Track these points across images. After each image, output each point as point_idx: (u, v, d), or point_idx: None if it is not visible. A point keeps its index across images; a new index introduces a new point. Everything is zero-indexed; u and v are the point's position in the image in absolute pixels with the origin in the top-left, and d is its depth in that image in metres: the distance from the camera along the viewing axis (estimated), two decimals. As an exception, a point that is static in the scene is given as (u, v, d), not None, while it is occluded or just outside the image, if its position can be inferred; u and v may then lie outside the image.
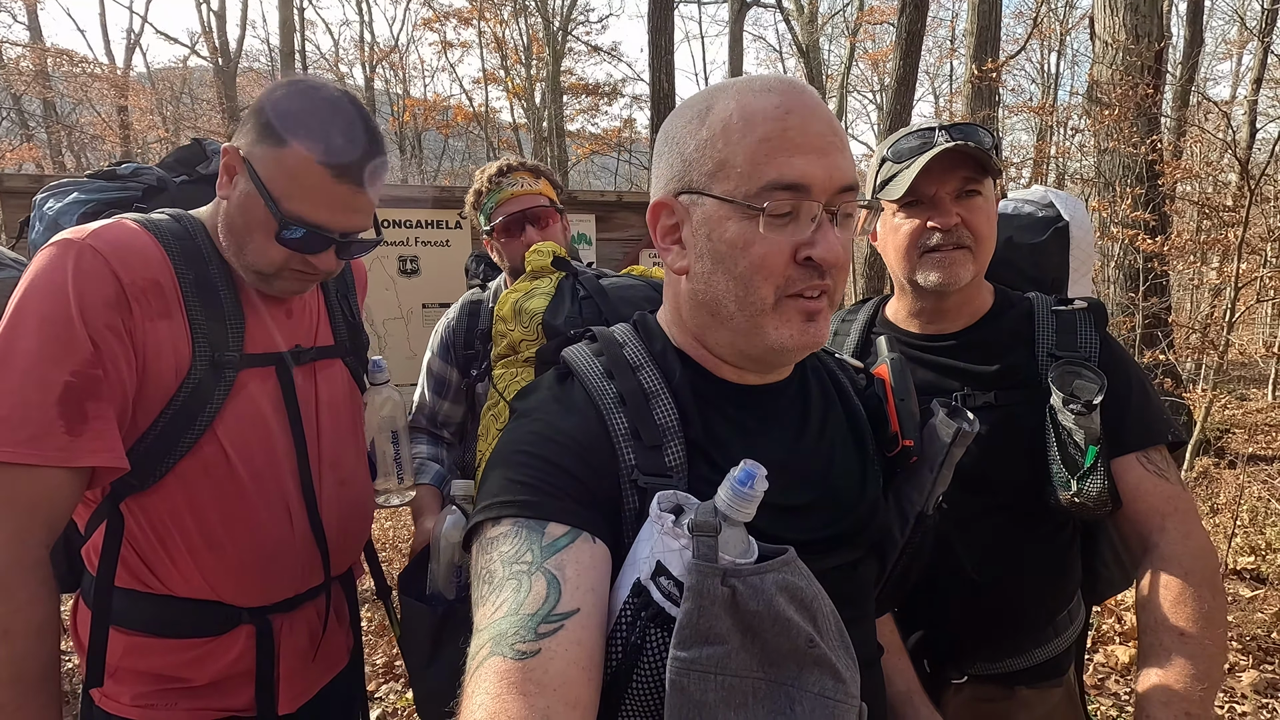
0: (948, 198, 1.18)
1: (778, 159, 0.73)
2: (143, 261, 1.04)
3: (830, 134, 0.75)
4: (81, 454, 0.96)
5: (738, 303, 0.77)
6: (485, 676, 0.60)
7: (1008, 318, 1.26)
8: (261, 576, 1.15)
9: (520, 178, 1.79)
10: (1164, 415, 1.18)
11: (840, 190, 0.75)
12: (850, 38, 20.63)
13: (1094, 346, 1.18)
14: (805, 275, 0.75)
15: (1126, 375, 1.18)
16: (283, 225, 1.07)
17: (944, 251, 1.18)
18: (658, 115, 10.35)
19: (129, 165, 1.34)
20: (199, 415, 1.07)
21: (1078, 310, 1.22)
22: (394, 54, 22.74)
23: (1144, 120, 6.07)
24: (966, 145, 1.14)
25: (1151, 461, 1.13)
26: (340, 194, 1.09)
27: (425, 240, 4.29)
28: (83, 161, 17.93)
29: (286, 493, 1.17)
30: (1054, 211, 1.42)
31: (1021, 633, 1.26)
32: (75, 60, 16.84)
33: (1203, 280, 9.26)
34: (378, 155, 1.11)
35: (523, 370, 1.10)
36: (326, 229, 1.09)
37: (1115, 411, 1.13)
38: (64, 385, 0.95)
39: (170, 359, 1.05)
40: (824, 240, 0.74)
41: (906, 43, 8.12)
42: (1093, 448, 1.11)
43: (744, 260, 0.75)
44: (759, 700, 0.64)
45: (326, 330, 1.31)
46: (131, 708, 1.11)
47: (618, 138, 22.63)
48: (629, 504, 0.74)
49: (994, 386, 1.21)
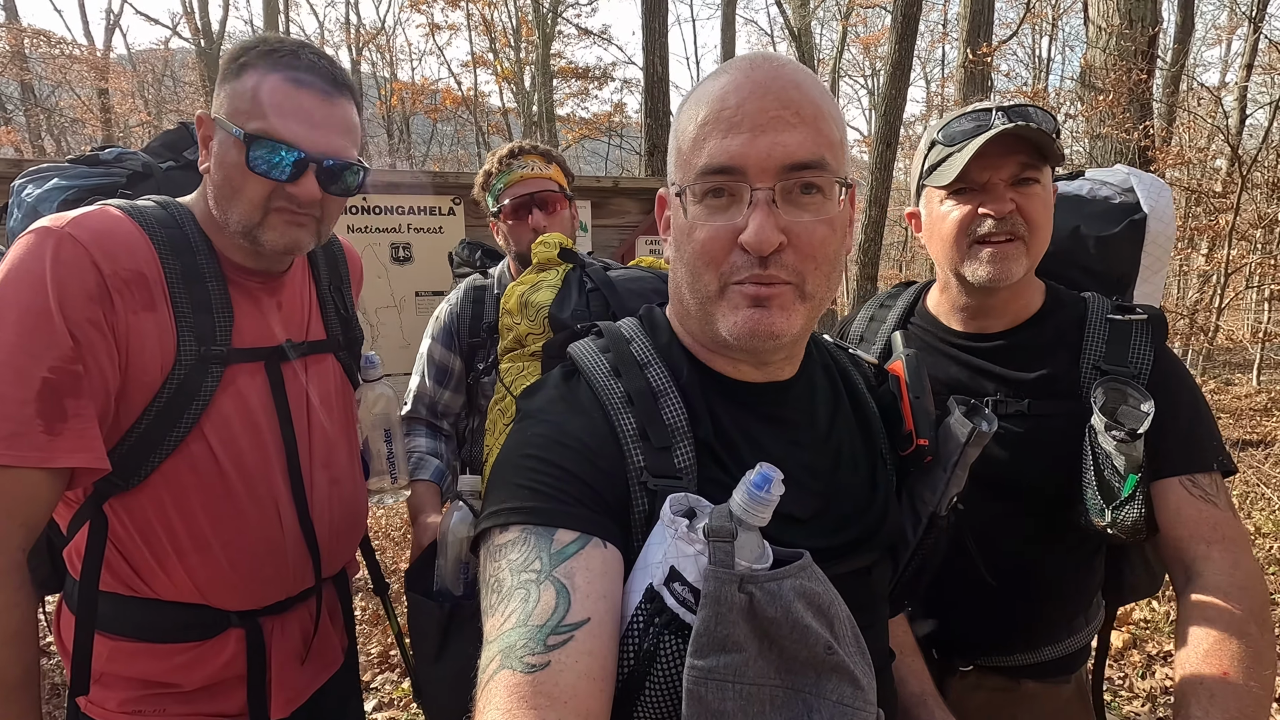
0: (1002, 184, 1.10)
1: (710, 141, 0.72)
2: (126, 251, 1.00)
3: (778, 108, 0.70)
4: (60, 454, 0.92)
5: (690, 290, 0.77)
6: (495, 691, 0.58)
7: (1056, 321, 1.17)
8: (251, 579, 1.12)
9: (531, 160, 1.77)
10: (1214, 440, 1.09)
11: (787, 168, 0.70)
12: (843, 21, 20.51)
13: (1146, 362, 1.09)
14: (748, 264, 0.72)
15: (1177, 396, 1.09)
16: (249, 145, 1.01)
17: (996, 244, 1.10)
18: (650, 98, 10.26)
19: (112, 150, 1.29)
20: (185, 412, 1.04)
21: (1135, 321, 1.12)
22: (381, 36, 22.41)
23: (1137, 106, 6.07)
24: (1026, 127, 1.06)
25: (1198, 485, 1.05)
26: (304, 103, 1.04)
27: (417, 227, 4.24)
28: (62, 145, 17.62)
29: (276, 492, 1.13)
30: (1133, 199, 1.29)
31: (1035, 634, 1.24)
32: (53, 41, 16.47)
33: (1191, 266, 9.33)
34: (339, 70, 1.08)
35: (529, 364, 1.07)
36: (295, 145, 1.03)
37: (1160, 433, 1.04)
38: (42, 381, 0.91)
39: (155, 353, 1.01)
40: (753, 224, 0.70)
41: (902, 26, 8.07)
42: (1133, 476, 1.03)
43: (689, 247, 0.75)
44: (776, 708, 0.63)
45: (318, 324, 1.27)
46: (119, 714, 1.08)
47: (608, 122, 22.44)
48: (638, 506, 0.72)
49: (1029, 395, 1.15)
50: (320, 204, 1.10)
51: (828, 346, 0.97)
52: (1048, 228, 1.13)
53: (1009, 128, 1.06)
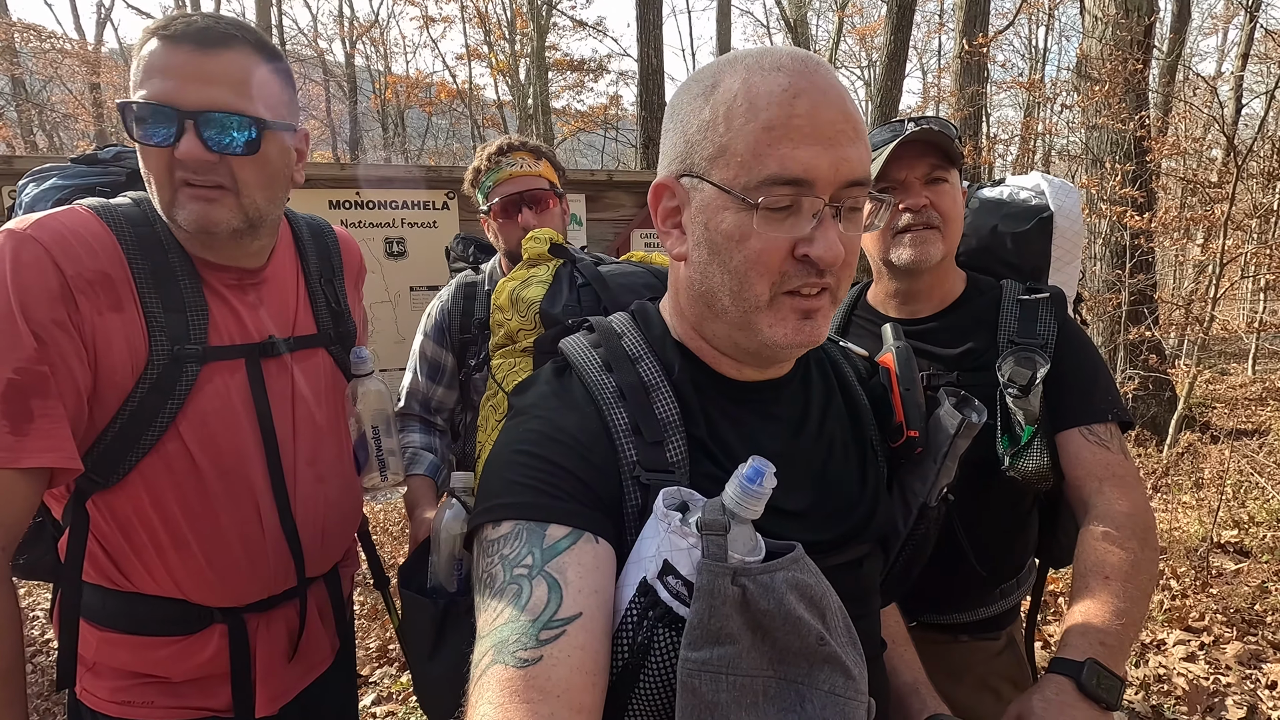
0: (917, 182, 1.29)
1: (780, 149, 0.68)
2: (88, 252, 0.98)
3: (842, 121, 0.69)
4: (27, 454, 0.91)
5: (732, 297, 0.74)
6: (488, 685, 0.59)
7: (976, 304, 1.35)
8: (229, 577, 1.12)
9: (520, 158, 1.75)
10: (1110, 396, 1.25)
11: (847, 184, 0.70)
12: (839, 12, 20.41)
13: (1052, 332, 1.27)
14: (803, 272, 0.72)
15: (1078, 358, 1.26)
16: (125, 116, 0.97)
17: (915, 230, 1.28)
18: (646, 91, 10.22)
19: (110, 149, 1.28)
20: (160, 411, 1.03)
21: (1040, 299, 1.31)
22: (374, 29, 22.25)
23: (1133, 96, 6.06)
24: (931, 131, 1.25)
25: (1094, 433, 1.20)
26: (178, 60, 0.97)
27: (412, 221, 4.22)
28: (54, 141, 17.50)
29: (256, 491, 1.12)
30: (1044, 200, 1.47)
31: (971, 595, 1.38)
32: (43, 35, 16.33)
33: (1187, 256, 9.35)
34: (228, 24, 1.01)
35: (520, 360, 1.07)
36: (169, 103, 0.96)
37: (1061, 390, 1.23)
38: (7, 383, 0.91)
39: (124, 354, 1.00)
40: (823, 238, 0.70)
41: (898, 16, 8.04)
42: (1029, 427, 1.20)
43: (739, 254, 0.72)
44: (769, 699, 0.64)
45: (308, 318, 1.25)
46: (109, 703, 1.09)
47: (604, 115, 22.35)
48: (631, 500, 0.72)
49: (956, 368, 1.30)
50: (226, 169, 1.01)
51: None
52: (959, 219, 1.33)
53: (917, 131, 1.25)
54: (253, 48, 1.03)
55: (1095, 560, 1.04)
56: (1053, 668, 0.90)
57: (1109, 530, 1.07)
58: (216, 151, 1.00)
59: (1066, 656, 0.90)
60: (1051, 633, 3.18)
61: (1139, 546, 1.05)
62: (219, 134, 0.99)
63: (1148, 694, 2.77)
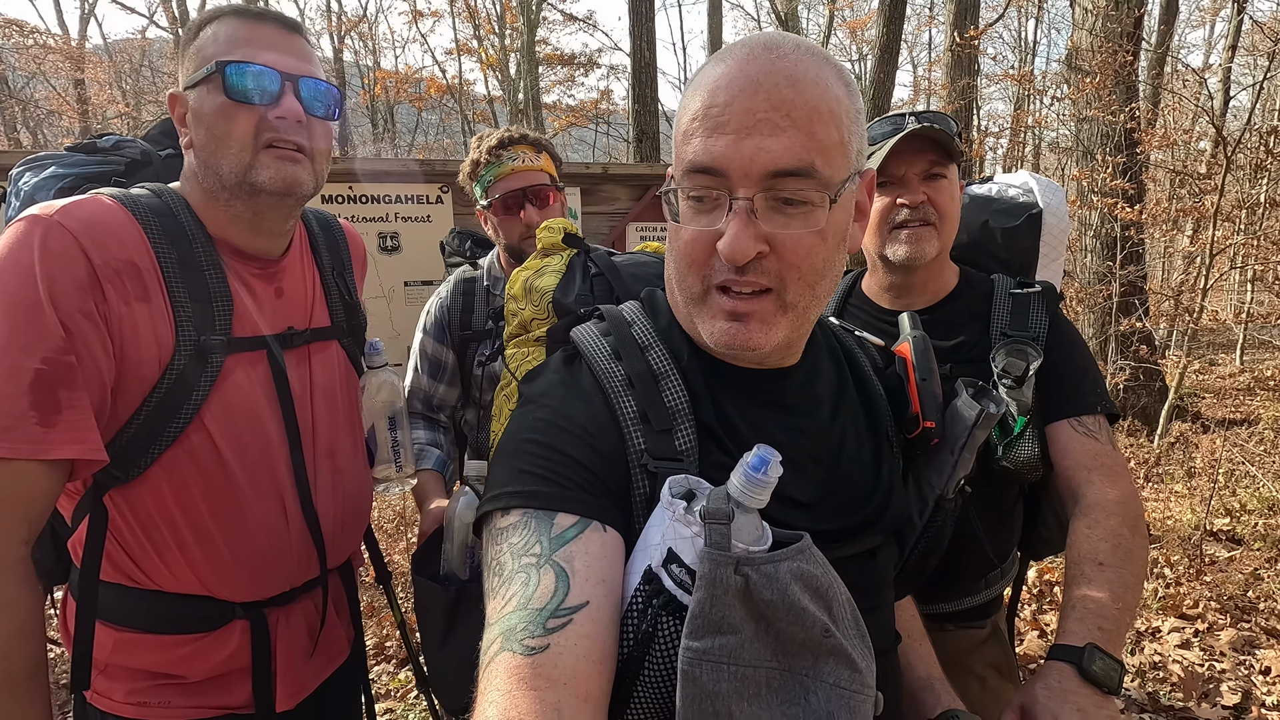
0: (915, 178, 1.29)
1: (695, 139, 0.69)
2: (117, 241, 0.97)
3: (766, 109, 0.66)
4: (55, 446, 0.90)
5: (678, 286, 0.76)
6: (496, 673, 0.58)
7: (969, 297, 1.37)
8: (254, 570, 1.11)
9: (522, 152, 1.72)
10: (1099, 389, 1.27)
11: (770, 175, 0.67)
12: (829, 5, 20.39)
13: (1043, 326, 1.29)
14: (725, 268, 0.70)
15: (1068, 351, 1.28)
16: (225, 74, 1.01)
17: (911, 227, 1.29)
18: (638, 84, 10.19)
19: (110, 138, 1.26)
20: (184, 403, 1.02)
21: (1032, 293, 1.33)
22: (363, 24, 22.06)
23: (1123, 88, 6.08)
24: (932, 128, 1.26)
25: (1083, 425, 1.22)
26: (266, 34, 1.05)
27: (405, 216, 4.19)
28: (39, 137, 17.30)
29: (280, 483, 1.12)
30: (1033, 198, 1.50)
31: (958, 584, 1.40)
32: (26, 31, 16.12)
33: (1176, 247, 9.40)
34: (290, 17, 1.11)
35: (534, 349, 1.07)
36: (269, 65, 1.03)
37: (1052, 383, 1.25)
38: (35, 373, 0.89)
39: (151, 345, 0.99)
40: (729, 234, 0.68)
41: (890, 9, 8.04)
42: (1022, 418, 1.21)
43: (675, 244, 0.74)
44: (772, 690, 0.63)
45: (323, 310, 1.25)
46: (125, 705, 1.07)
47: (595, 109, 22.26)
48: (639, 489, 0.72)
49: (950, 360, 1.30)
50: (307, 134, 1.08)
51: (834, 330, 0.96)
52: (955, 216, 1.34)
53: (918, 128, 1.26)
54: (309, 41, 1.13)
55: (1088, 548, 1.05)
56: (1053, 655, 0.90)
57: (1100, 518, 1.08)
58: (310, 115, 1.07)
59: (1066, 643, 0.91)
60: (1048, 622, 3.20)
61: (1130, 533, 1.07)
62: (313, 98, 1.07)
63: (1144, 681, 2.80)
